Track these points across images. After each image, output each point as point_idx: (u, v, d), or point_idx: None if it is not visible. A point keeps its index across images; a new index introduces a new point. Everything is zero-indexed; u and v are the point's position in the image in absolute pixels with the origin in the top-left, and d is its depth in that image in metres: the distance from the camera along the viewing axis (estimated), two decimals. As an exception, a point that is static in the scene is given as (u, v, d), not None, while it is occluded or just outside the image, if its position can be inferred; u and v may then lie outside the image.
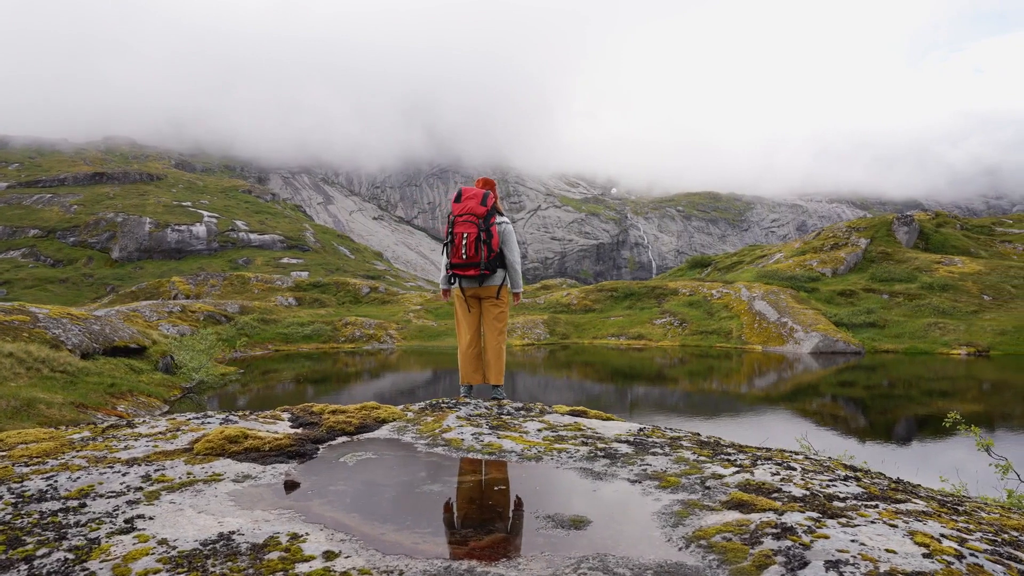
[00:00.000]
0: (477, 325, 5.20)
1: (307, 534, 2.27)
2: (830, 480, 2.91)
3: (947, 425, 4.90)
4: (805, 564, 1.94)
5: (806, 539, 2.12)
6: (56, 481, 2.89)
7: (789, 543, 2.09)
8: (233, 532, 2.30)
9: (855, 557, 1.96)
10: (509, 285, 5.14)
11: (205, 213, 73.05)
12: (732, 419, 14.72)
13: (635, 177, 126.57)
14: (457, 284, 5.07)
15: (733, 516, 2.41)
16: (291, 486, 2.93)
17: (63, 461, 3.21)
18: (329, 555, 2.09)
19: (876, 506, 2.52)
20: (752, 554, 2.06)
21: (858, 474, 3.17)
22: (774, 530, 2.21)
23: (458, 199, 4.97)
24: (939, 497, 2.91)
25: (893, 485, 3.02)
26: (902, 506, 2.55)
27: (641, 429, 4.18)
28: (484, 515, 2.57)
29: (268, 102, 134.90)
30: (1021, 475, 4.52)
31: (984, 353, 25.03)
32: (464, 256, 4.83)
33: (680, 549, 2.17)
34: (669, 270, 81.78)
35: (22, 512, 2.53)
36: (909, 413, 15.41)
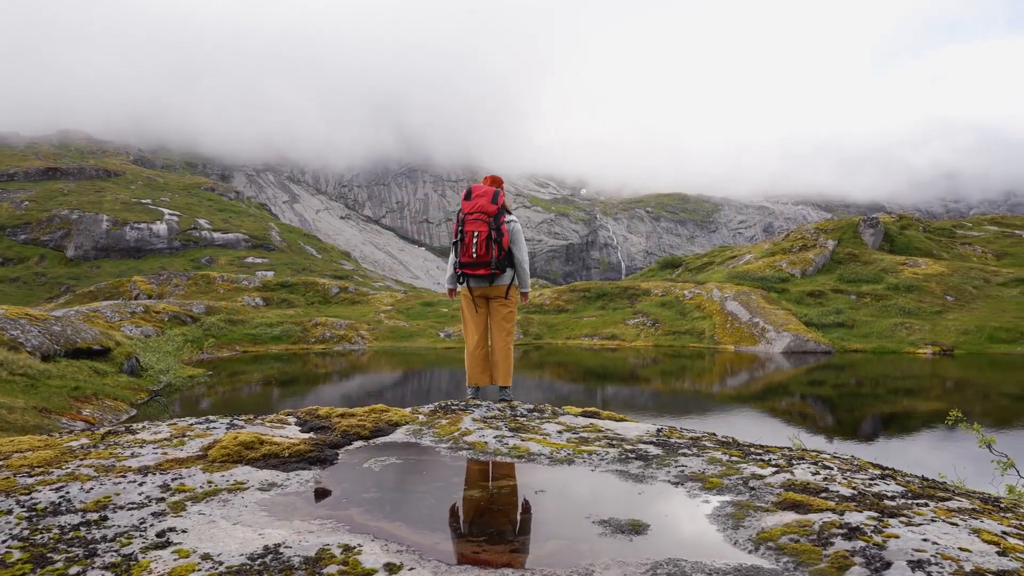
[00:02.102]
0: (485, 325, 5.11)
1: (359, 545, 2.16)
2: (869, 479, 2.92)
3: (949, 423, 5.01)
4: (888, 565, 1.92)
5: (877, 539, 2.10)
6: (68, 492, 2.71)
7: (862, 543, 2.07)
8: (279, 545, 2.17)
9: (935, 557, 1.94)
10: (517, 284, 5.06)
11: (166, 211, 70.91)
12: (717, 418, 14.90)
13: (604, 178, 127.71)
14: (465, 284, 4.97)
15: (791, 517, 2.38)
16: (322, 494, 2.80)
17: (69, 471, 3.01)
18: (392, 568, 1.99)
19: (926, 504, 2.52)
20: (827, 555, 2.03)
21: (889, 472, 3.18)
22: (840, 530, 2.19)
23: (468, 197, 4.87)
24: (975, 494, 2.93)
25: (927, 483, 3.05)
26: (950, 504, 2.55)
27: (659, 430, 4.15)
28: (536, 521, 2.49)
29: (233, 98, 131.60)
30: (1015, 472, 4.64)
31: (948, 352, 25.91)
32: (474, 255, 4.73)
33: (750, 552, 2.13)
34: (639, 271, 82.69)
35: (39, 527, 2.35)
36: (880, 411, 15.84)
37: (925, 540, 2.07)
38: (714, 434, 4.21)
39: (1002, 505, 2.71)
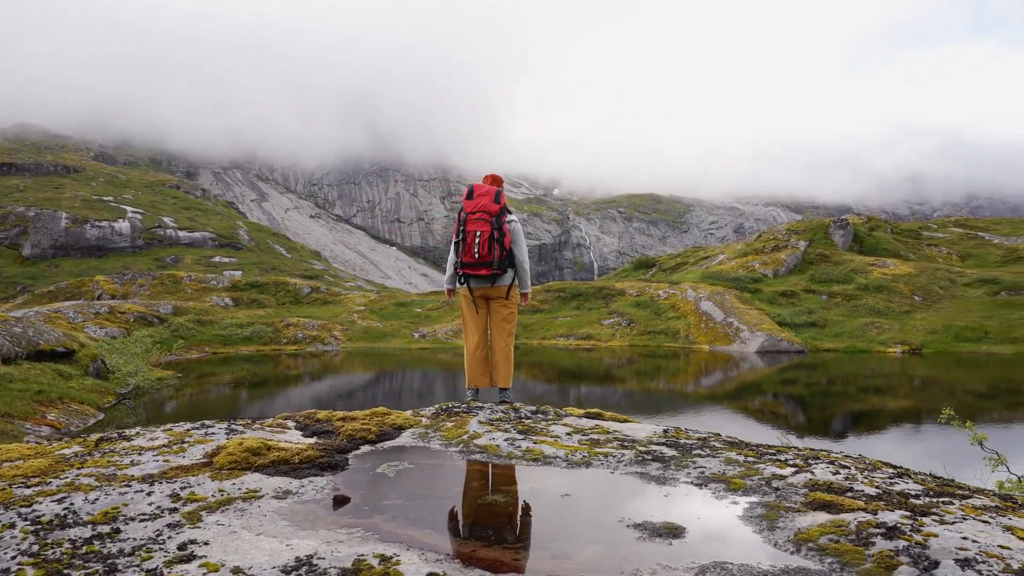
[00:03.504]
0: (485, 327, 5.04)
1: (396, 555, 2.09)
2: (888, 478, 2.95)
3: (942, 422, 5.14)
4: (935, 564, 1.92)
5: (918, 538, 2.11)
6: (72, 504, 2.57)
7: (903, 543, 2.07)
8: (311, 556, 2.08)
9: (980, 555, 1.96)
10: (518, 285, 5.01)
11: (129, 209, 68.91)
12: (707, 418, 15.06)
13: (577, 178, 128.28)
14: (465, 284, 4.90)
15: (824, 517, 2.38)
16: (341, 501, 2.71)
17: (68, 480, 2.86)
18: (436, 578, 1.92)
19: (951, 502, 2.55)
20: (871, 555, 2.03)
21: (903, 471, 3.22)
22: (878, 530, 2.19)
23: (470, 196, 4.80)
24: (990, 492, 2.98)
25: (942, 481, 3.09)
26: (974, 502, 2.59)
27: (666, 431, 4.15)
28: (569, 526, 2.45)
29: (200, 93, 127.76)
30: (1005, 468, 4.78)
31: (917, 351, 26.70)
32: (476, 255, 4.66)
33: (792, 553, 2.12)
34: (612, 271, 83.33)
35: (49, 541, 2.22)
36: (853, 409, 16.22)
37: (965, 538, 2.08)
38: (719, 434, 4.23)
39: (1020, 503, 2.76)
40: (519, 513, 2.58)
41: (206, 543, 2.21)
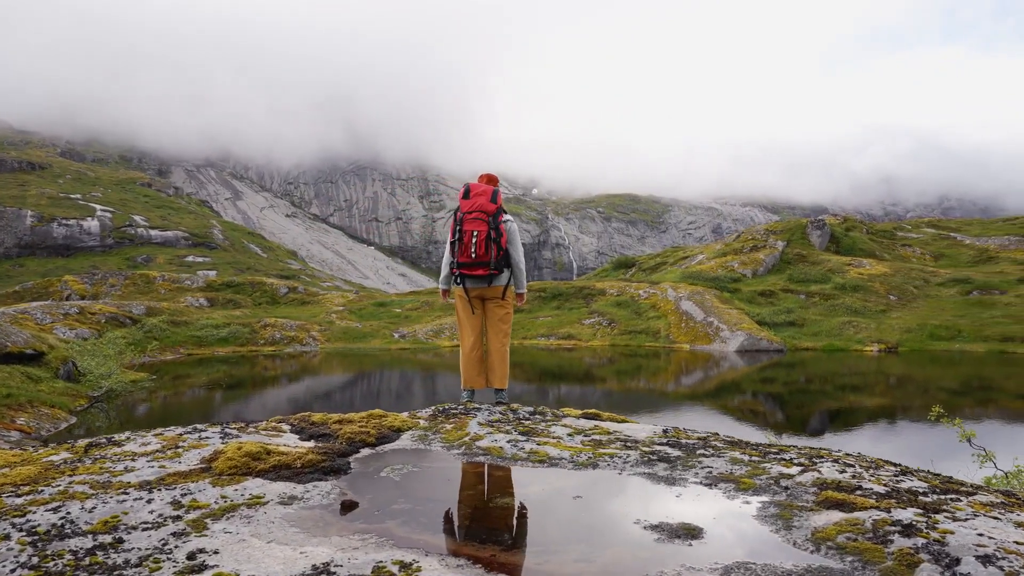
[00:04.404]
0: (480, 327, 5.00)
1: (415, 561, 2.04)
2: (893, 476, 2.98)
3: (932, 419, 5.23)
4: (957, 561, 1.94)
5: (935, 535, 2.13)
6: (68, 513, 2.47)
7: (921, 540, 2.09)
8: (328, 563, 2.03)
9: (999, 551, 1.98)
10: (514, 285, 4.98)
11: (98, 207, 67.28)
12: (679, 415, 15.18)
13: (556, 178, 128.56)
14: (461, 284, 4.85)
15: (838, 516, 2.39)
16: (349, 506, 2.65)
17: (61, 488, 2.76)
18: (460, 584, 1.88)
19: (958, 500, 2.59)
20: (891, 553, 2.04)
21: (904, 468, 3.26)
22: (894, 528, 2.21)
23: (466, 195, 4.75)
24: (991, 489, 3.03)
25: (944, 479, 3.13)
26: (980, 499, 2.63)
27: (666, 430, 4.16)
28: (586, 529, 2.42)
29: (174, 89, 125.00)
30: (992, 464, 4.90)
31: (893, 349, 27.28)
32: (473, 255, 4.62)
33: (812, 552, 2.12)
34: (591, 271, 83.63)
35: (48, 552, 2.13)
36: (833, 406, 16.49)
37: (981, 535, 2.11)
38: (717, 434, 4.25)
39: (1021, 499, 2.80)
40: (533, 516, 2.55)
41: (216, 552, 2.14)
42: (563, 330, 32.14)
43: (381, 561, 2.04)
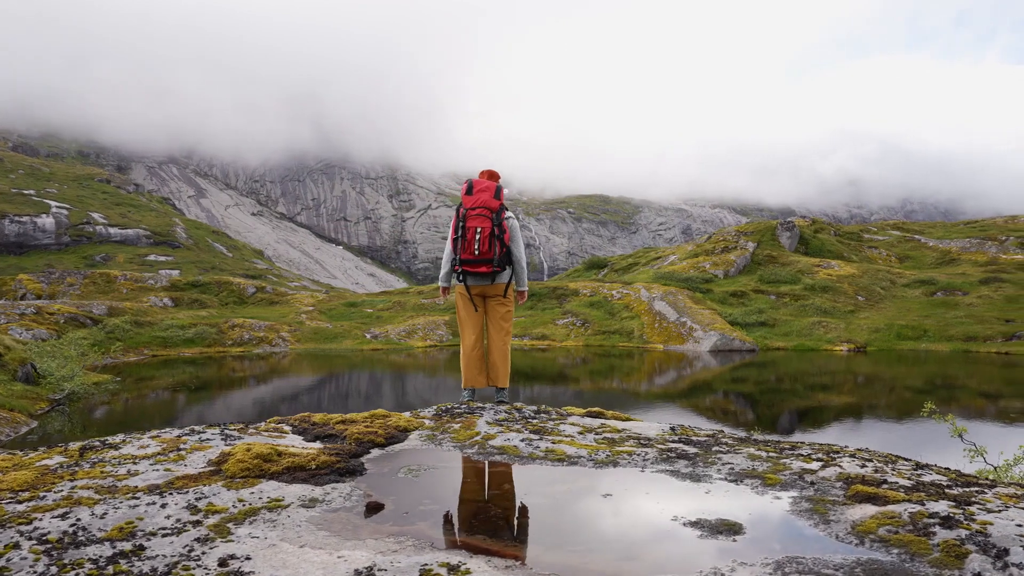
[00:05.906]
0: (482, 326, 4.93)
1: (462, 563, 1.97)
2: (912, 470, 3.02)
3: (924, 415, 5.36)
4: (1005, 551, 1.96)
5: (975, 526, 2.15)
6: (78, 519, 2.33)
7: (964, 531, 2.11)
8: (371, 567, 1.95)
9: (1043, 542, 2.00)
10: (515, 283, 4.92)
11: (53, 203, 64.90)
12: (656, 411, 15.31)
13: (527, 179, 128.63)
14: (463, 282, 4.77)
15: (872, 509, 2.41)
16: (374, 508, 2.56)
17: (64, 494, 2.60)
18: (516, 586, 1.82)
19: (983, 492, 2.63)
20: (936, 545, 2.05)
21: (919, 463, 3.31)
22: (932, 520, 2.23)
23: (469, 191, 4.68)
24: (1008, 481, 3.09)
25: (959, 472, 3.18)
26: (1002, 491, 2.67)
27: (673, 428, 4.17)
28: (625, 526, 2.39)
29: (135, 83, 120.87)
30: (982, 459, 5.04)
31: (862, 349, 28.07)
32: (476, 252, 4.55)
33: (856, 545, 2.13)
34: (562, 271, 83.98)
35: (66, 562, 2.00)
36: (806, 404, 16.85)
37: (1020, 525, 2.13)
38: (723, 431, 4.27)
39: (1035, 490, 2.85)
40: (567, 515, 2.50)
41: (248, 558, 2.03)
42: (537, 330, 32.18)
43: (427, 564, 1.96)
